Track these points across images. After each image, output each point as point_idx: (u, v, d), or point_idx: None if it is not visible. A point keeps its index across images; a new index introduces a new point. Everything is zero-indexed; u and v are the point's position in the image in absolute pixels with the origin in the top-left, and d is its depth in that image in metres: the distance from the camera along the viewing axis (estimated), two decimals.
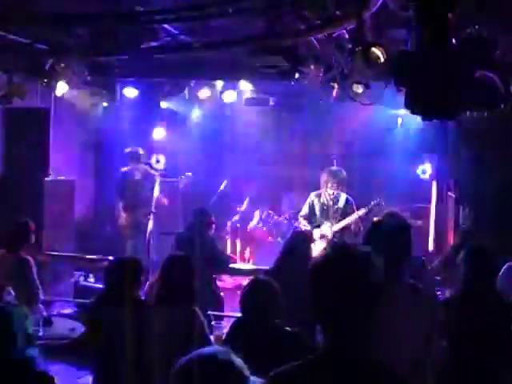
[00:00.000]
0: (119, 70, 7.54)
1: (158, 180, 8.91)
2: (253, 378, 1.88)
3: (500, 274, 4.16)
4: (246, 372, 1.80)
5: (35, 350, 2.98)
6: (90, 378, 4.31)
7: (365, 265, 1.95)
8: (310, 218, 7.63)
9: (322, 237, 7.44)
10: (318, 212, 7.57)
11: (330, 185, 7.45)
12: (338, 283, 1.92)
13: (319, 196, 7.61)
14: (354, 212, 7.48)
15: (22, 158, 7.92)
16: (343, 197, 7.56)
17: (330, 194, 7.48)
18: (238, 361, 1.79)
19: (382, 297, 1.95)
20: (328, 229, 7.43)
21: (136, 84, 8.80)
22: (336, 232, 7.44)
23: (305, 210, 7.71)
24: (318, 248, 7.28)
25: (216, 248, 6.69)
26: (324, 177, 7.58)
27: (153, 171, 8.89)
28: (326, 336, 1.97)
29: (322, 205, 7.55)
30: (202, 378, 1.73)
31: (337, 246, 2.09)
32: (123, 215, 8.69)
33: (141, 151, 8.89)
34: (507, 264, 4.40)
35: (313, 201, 7.63)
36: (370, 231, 3.55)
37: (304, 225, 7.58)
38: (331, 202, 7.48)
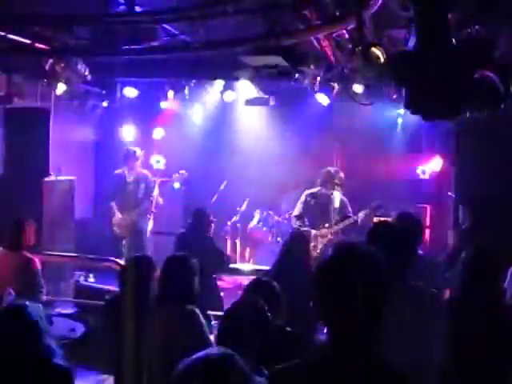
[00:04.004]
0: (119, 70, 7.53)
1: (157, 180, 8.93)
2: (258, 379, 1.88)
3: (507, 281, 4.16)
4: (249, 373, 1.80)
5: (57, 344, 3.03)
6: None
7: (370, 264, 1.95)
8: (305, 217, 7.54)
9: (321, 237, 7.41)
10: (315, 212, 7.50)
11: (328, 185, 7.42)
12: (343, 283, 1.92)
13: (315, 195, 7.54)
14: (348, 212, 7.47)
15: (21, 157, 7.91)
16: (338, 197, 7.52)
17: (326, 194, 7.43)
18: (241, 362, 1.79)
19: (387, 296, 1.95)
20: (326, 229, 7.40)
21: (136, 84, 8.80)
22: (335, 232, 7.41)
23: (299, 209, 7.61)
24: (316, 248, 7.27)
25: (216, 248, 6.69)
26: (322, 176, 7.55)
27: (146, 171, 8.90)
28: (329, 335, 1.97)
29: (320, 205, 7.49)
30: (205, 379, 1.73)
31: (341, 245, 2.09)
32: (118, 215, 8.71)
33: (137, 151, 8.89)
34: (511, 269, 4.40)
35: (309, 201, 7.54)
36: (373, 231, 3.55)
37: (299, 225, 7.48)
38: (328, 202, 7.44)
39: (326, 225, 7.37)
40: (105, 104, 9.25)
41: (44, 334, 2.91)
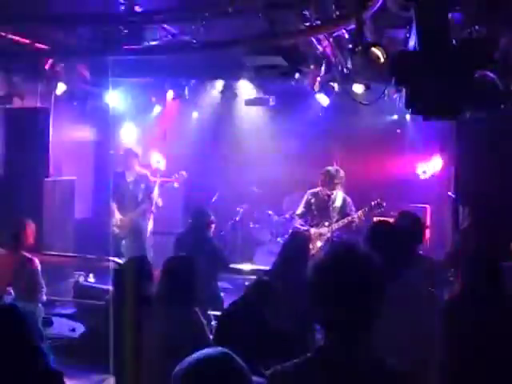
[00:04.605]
0: (119, 69, 7.53)
1: (157, 180, 8.93)
2: (255, 379, 1.88)
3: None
4: (248, 373, 1.80)
5: (47, 347, 2.98)
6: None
7: (366, 264, 1.95)
8: (307, 216, 7.60)
9: (320, 236, 7.42)
10: (315, 211, 7.54)
11: (328, 185, 7.44)
12: (338, 282, 1.92)
13: (316, 195, 7.58)
14: (351, 210, 7.48)
15: (22, 157, 7.91)
16: (340, 196, 7.54)
17: (327, 193, 7.46)
18: (240, 362, 1.79)
19: (383, 296, 1.95)
20: (326, 228, 7.42)
21: (136, 84, 8.79)
22: (334, 231, 7.42)
23: (301, 208, 7.69)
24: (315, 247, 7.27)
25: (216, 248, 6.69)
26: (322, 176, 7.56)
27: (144, 170, 8.90)
28: (325, 335, 1.97)
29: (320, 204, 7.52)
30: (205, 380, 1.73)
31: (338, 245, 2.09)
32: (117, 216, 8.71)
33: (136, 151, 8.89)
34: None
35: (310, 199, 7.59)
36: (371, 231, 3.55)
37: (301, 224, 7.54)
38: (329, 201, 7.45)
39: (326, 223, 7.39)
40: (105, 104, 9.25)
41: (35, 336, 2.86)
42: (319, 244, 7.33)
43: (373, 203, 7.48)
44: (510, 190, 6.52)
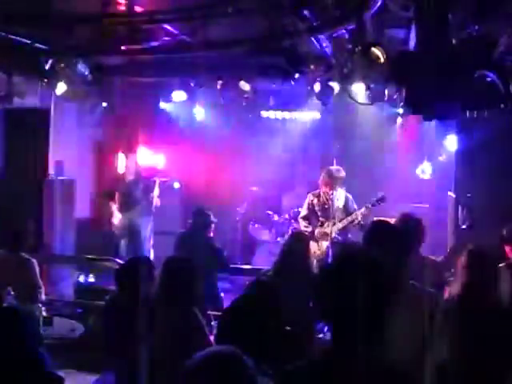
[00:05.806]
0: (119, 70, 7.54)
1: (157, 180, 8.93)
2: (261, 378, 1.88)
3: None
4: (255, 371, 1.80)
5: (45, 351, 2.98)
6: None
7: (372, 266, 1.95)
8: (310, 218, 7.58)
9: (325, 236, 7.38)
10: (318, 212, 7.52)
11: (329, 184, 7.42)
12: (345, 284, 1.92)
13: (318, 196, 7.55)
14: (354, 208, 7.47)
15: (21, 157, 7.92)
16: (342, 195, 7.53)
17: (329, 193, 7.43)
18: (248, 361, 1.79)
19: (389, 298, 1.95)
20: (330, 228, 7.40)
21: (136, 84, 8.79)
22: (338, 231, 7.40)
23: (304, 211, 7.66)
24: (320, 248, 7.27)
25: (216, 248, 6.69)
26: (323, 176, 7.54)
27: (145, 171, 8.91)
28: (332, 335, 1.98)
29: (323, 204, 7.49)
30: (216, 376, 1.73)
31: (343, 246, 2.10)
32: (117, 215, 8.71)
33: (136, 151, 8.91)
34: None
35: (312, 201, 7.56)
36: (370, 230, 3.55)
37: (305, 226, 7.52)
38: (331, 201, 7.43)
39: (330, 223, 7.38)
40: (105, 104, 9.25)
41: (34, 340, 2.85)
42: (325, 244, 7.30)
43: (375, 198, 7.47)
44: (510, 189, 6.52)
